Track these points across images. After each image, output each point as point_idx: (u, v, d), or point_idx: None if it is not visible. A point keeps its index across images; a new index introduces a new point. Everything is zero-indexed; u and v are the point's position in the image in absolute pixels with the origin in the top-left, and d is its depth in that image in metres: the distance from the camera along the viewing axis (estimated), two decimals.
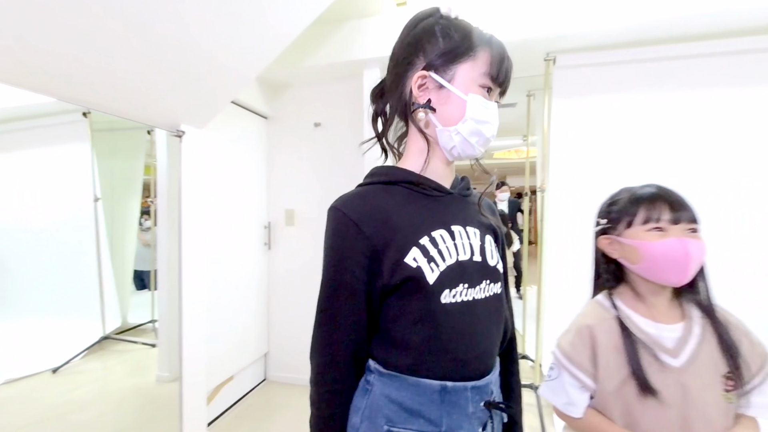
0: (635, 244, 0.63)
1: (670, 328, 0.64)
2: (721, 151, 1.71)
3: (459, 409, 0.55)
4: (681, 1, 1.57)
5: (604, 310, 0.69)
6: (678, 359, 0.62)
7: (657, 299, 0.67)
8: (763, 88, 1.65)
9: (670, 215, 0.61)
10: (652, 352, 0.63)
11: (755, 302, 1.64)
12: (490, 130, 0.57)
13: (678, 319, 0.66)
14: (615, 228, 0.67)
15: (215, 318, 1.95)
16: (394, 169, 0.61)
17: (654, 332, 0.64)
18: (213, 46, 1.26)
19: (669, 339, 0.64)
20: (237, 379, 2.15)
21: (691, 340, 0.63)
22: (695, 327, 0.64)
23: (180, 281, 1.52)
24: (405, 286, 0.54)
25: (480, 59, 0.56)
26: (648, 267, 0.63)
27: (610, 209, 0.69)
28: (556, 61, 1.89)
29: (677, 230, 0.61)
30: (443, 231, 0.56)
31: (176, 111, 1.46)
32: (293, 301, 2.37)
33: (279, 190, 2.40)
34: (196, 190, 1.60)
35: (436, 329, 0.54)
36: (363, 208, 0.55)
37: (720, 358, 0.62)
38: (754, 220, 1.67)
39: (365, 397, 0.56)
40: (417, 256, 0.53)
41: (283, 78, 2.26)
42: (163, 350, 1.87)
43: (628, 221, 0.65)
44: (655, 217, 0.62)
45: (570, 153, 1.89)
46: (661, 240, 0.61)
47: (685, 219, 0.62)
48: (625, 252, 0.66)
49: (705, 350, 0.63)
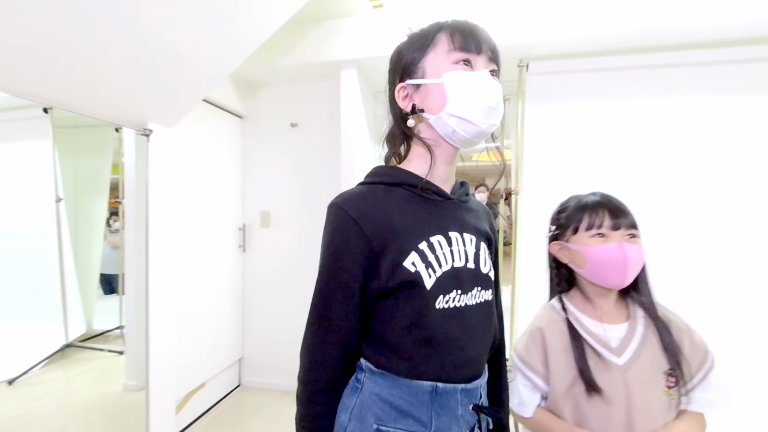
0: (580, 249, 0.67)
1: (615, 328, 0.68)
2: (684, 157, 1.80)
3: (449, 411, 0.55)
4: (649, 14, 1.65)
5: (555, 313, 0.73)
6: (621, 357, 0.65)
7: (604, 301, 0.70)
8: (727, 97, 1.75)
9: (610, 222, 0.65)
10: (597, 351, 0.66)
11: (712, 302, 1.74)
12: (486, 97, 0.54)
13: (623, 320, 0.69)
14: (563, 234, 0.71)
15: (186, 323, 1.89)
16: (397, 171, 0.60)
17: (600, 332, 0.68)
18: (182, 43, 1.22)
19: (614, 338, 0.67)
20: (209, 386, 2.09)
21: (634, 339, 0.66)
22: (638, 326, 0.68)
23: (147, 285, 1.47)
24: (402, 289, 0.54)
25: (440, 42, 0.56)
26: (592, 271, 0.67)
27: (559, 216, 0.73)
28: (528, 67, 1.94)
29: (617, 236, 0.65)
30: (441, 237, 0.56)
31: (143, 109, 1.41)
32: (269, 304, 2.33)
33: (254, 191, 2.35)
34: (164, 191, 1.55)
35: (429, 334, 0.54)
36: (364, 207, 0.55)
37: (662, 356, 0.65)
38: (715, 222, 1.76)
39: (355, 395, 0.56)
40: (416, 261, 0.54)
41: (258, 77, 2.22)
42: (131, 358, 1.80)
43: (575, 227, 0.68)
44: (597, 224, 0.66)
45: (542, 157, 1.94)
46: (602, 245, 0.65)
47: (625, 225, 0.65)
48: (573, 257, 0.70)
49: (647, 348, 0.66)
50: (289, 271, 2.27)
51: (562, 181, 1.90)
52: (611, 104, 1.88)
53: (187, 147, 1.91)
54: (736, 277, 1.73)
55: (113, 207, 2.12)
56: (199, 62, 1.35)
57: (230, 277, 2.26)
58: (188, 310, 1.90)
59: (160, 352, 1.52)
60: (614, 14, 1.68)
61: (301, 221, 2.25)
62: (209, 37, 1.28)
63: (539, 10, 1.75)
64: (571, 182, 1.88)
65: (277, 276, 2.31)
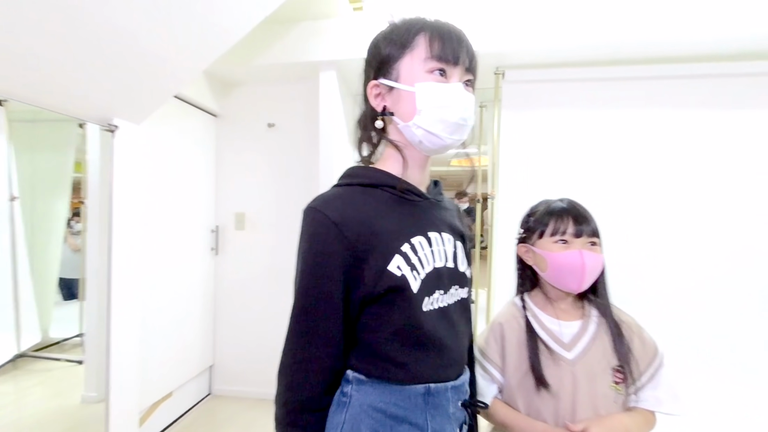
0: (544, 254, 0.71)
1: (569, 325, 0.72)
2: (649, 165, 1.90)
3: (442, 411, 0.55)
4: (620, 29, 1.73)
5: (516, 310, 0.77)
6: (571, 352, 0.70)
7: (563, 302, 0.75)
8: (691, 110, 1.86)
9: (573, 229, 0.69)
10: (550, 347, 0.70)
11: (668, 305, 1.83)
12: (454, 113, 0.54)
13: (578, 318, 0.73)
14: (530, 238, 0.74)
15: (153, 329, 1.80)
16: (375, 171, 0.58)
17: (556, 329, 0.72)
18: (151, 36, 1.17)
19: (567, 334, 0.71)
20: (177, 395, 2.00)
21: (585, 336, 0.71)
22: (591, 325, 0.72)
23: (109, 290, 1.39)
24: (388, 295, 0.52)
25: (418, 47, 0.54)
26: (553, 275, 0.71)
27: (528, 220, 0.76)
28: (504, 75, 1.98)
29: (579, 243, 0.69)
30: (422, 238, 0.55)
31: (108, 104, 1.34)
32: (242, 309, 2.26)
33: (229, 192, 2.28)
34: (130, 190, 1.48)
35: (420, 337, 0.53)
36: (344, 210, 0.52)
37: (611, 353, 0.69)
38: (675, 227, 1.86)
39: (343, 410, 0.53)
40: (401, 264, 0.52)
41: (234, 75, 2.17)
42: (91, 367, 1.70)
43: (541, 232, 0.72)
44: (561, 230, 0.70)
45: (518, 163, 1.99)
46: (564, 252, 0.69)
47: (587, 233, 0.69)
48: (537, 260, 0.73)
49: (597, 345, 0.70)
50: (265, 274, 2.22)
51: (536, 187, 1.95)
52: (584, 114, 1.95)
53: (157, 144, 1.83)
54: (692, 280, 1.83)
55: (75, 207, 2.01)
56: (170, 57, 1.30)
57: (201, 280, 2.18)
58: (155, 315, 1.82)
59: (122, 361, 1.44)
60: (588, 28, 1.76)
61: (278, 224, 2.21)
62: (181, 32, 1.24)
63: (516, 19, 1.81)
64: (544, 187, 1.94)
65: (252, 280, 2.24)
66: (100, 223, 1.64)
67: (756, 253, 1.80)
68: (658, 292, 1.83)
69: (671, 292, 1.83)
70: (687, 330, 1.81)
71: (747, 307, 1.80)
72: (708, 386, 1.73)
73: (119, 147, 1.42)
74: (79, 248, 1.91)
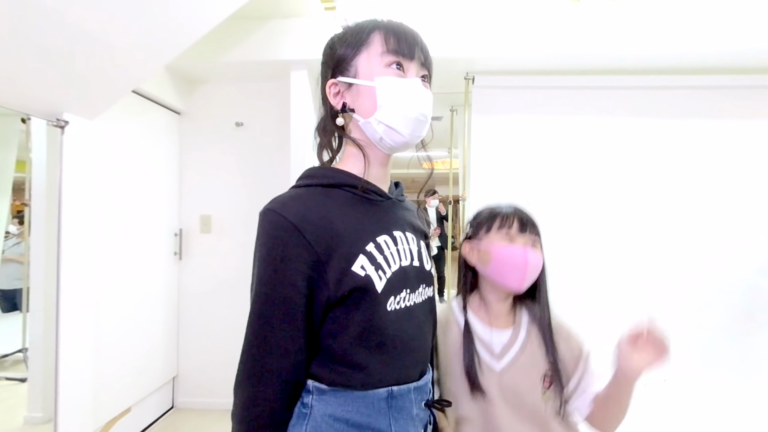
0: (489, 247, 0.71)
1: (500, 334, 0.72)
2: (608, 170, 2.02)
3: (405, 413, 0.54)
4: (587, 39, 1.83)
5: (452, 315, 0.76)
6: (500, 363, 0.70)
7: (499, 306, 0.74)
8: (653, 119, 2.01)
9: (518, 227, 0.71)
10: (481, 356, 0.71)
11: (621, 304, 1.95)
12: (414, 109, 0.54)
13: (509, 325, 0.74)
14: (477, 234, 0.75)
15: (110, 340, 1.67)
16: (335, 172, 0.57)
17: (487, 338, 0.72)
18: (107, 26, 1.09)
19: (497, 344, 0.72)
20: (137, 410, 1.87)
21: (515, 346, 0.71)
22: (521, 332, 0.73)
23: (57, 300, 1.28)
24: (353, 296, 0.50)
25: (373, 43, 0.55)
26: (495, 269, 0.70)
27: (476, 219, 0.78)
28: (474, 80, 2.04)
29: (522, 240, 0.71)
30: (387, 237, 0.55)
31: (57, 97, 1.23)
32: (208, 316, 2.15)
33: (193, 194, 2.17)
34: (81, 191, 1.37)
35: (382, 338, 0.52)
36: (304, 212, 0.50)
37: (542, 360, 0.70)
38: (641, 227, 1.98)
39: (304, 423, 0.51)
40: (365, 264, 0.51)
41: (199, 72, 2.07)
42: (36, 385, 1.56)
43: (487, 227, 0.73)
44: (507, 225, 0.72)
45: (488, 165, 2.05)
46: (508, 245, 0.70)
47: (531, 233, 0.72)
48: (481, 256, 0.73)
49: (527, 353, 0.71)
50: (232, 280, 2.13)
51: (506, 188, 2.02)
52: (550, 120, 2.05)
53: (113, 142, 1.71)
54: (651, 280, 1.96)
55: (17, 210, 1.85)
56: (127, 50, 1.22)
57: (163, 287, 2.06)
58: (111, 325, 1.69)
59: (73, 377, 1.32)
60: (556, 38, 1.85)
61: (246, 227, 2.13)
62: (140, 24, 1.16)
63: (486, 26, 1.87)
64: (514, 189, 2.02)
65: (218, 285, 2.15)
66: (45, 227, 1.50)
67: (715, 252, 1.96)
68: (618, 291, 1.95)
69: (630, 292, 1.95)
70: None
71: (710, 304, 1.94)
72: (675, 380, 1.84)
73: (69, 144, 1.31)
74: (19, 258, 1.76)
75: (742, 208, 1.96)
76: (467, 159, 2.10)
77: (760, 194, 1.96)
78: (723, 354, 1.91)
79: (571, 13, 1.83)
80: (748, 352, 1.89)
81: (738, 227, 1.96)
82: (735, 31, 1.77)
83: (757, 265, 1.94)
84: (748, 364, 1.88)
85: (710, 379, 1.88)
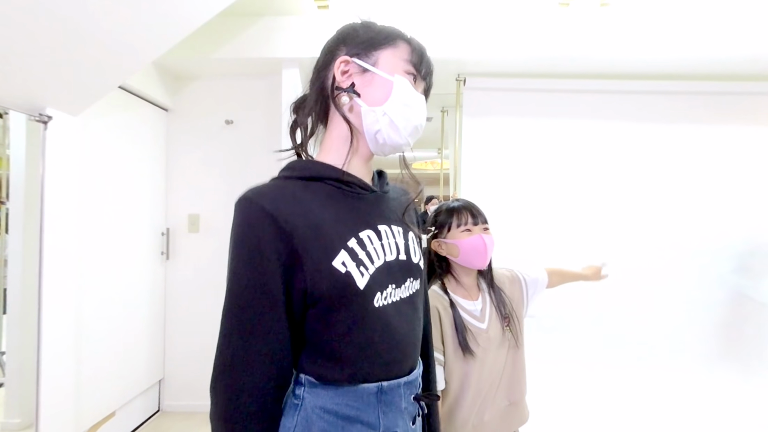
0: (455, 242, 0.90)
1: (475, 303, 0.93)
2: (596, 170, 2.08)
3: (394, 407, 0.54)
4: (577, 43, 1.88)
5: (441, 297, 0.92)
6: (484, 323, 0.91)
7: (469, 280, 0.94)
8: (636, 123, 2.07)
9: (472, 220, 0.90)
10: (470, 323, 0.90)
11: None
12: (417, 116, 0.56)
13: (478, 294, 0.94)
14: (441, 233, 0.92)
15: (94, 343, 1.62)
16: (315, 164, 0.56)
17: (470, 307, 0.92)
18: (94, 19, 1.06)
19: (477, 310, 0.92)
20: (121, 414, 1.82)
21: (486, 307, 0.93)
22: (486, 296, 0.94)
23: (39, 302, 1.24)
24: (333, 293, 0.49)
25: (401, 48, 0.57)
26: (464, 258, 0.90)
27: (436, 220, 0.94)
28: (465, 82, 2.06)
29: (478, 229, 0.90)
30: (370, 231, 0.53)
31: (40, 91, 1.19)
32: (195, 317, 2.11)
33: (181, 192, 2.13)
34: (64, 189, 1.33)
35: (370, 335, 0.51)
36: (281, 202, 0.49)
37: (499, 307, 0.92)
38: (621, 225, 2.05)
39: (296, 413, 0.50)
40: (346, 260, 0.50)
41: (188, 68, 2.03)
42: (13, 390, 1.50)
43: (448, 226, 0.91)
44: (464, 222, 0.90)
45: (478, 166, 2.07)
46: (469, 237, 0.89)
47: (481, 221, 0.91)
48: (449, 249, 0.91)
49: (493, 308, 0.93)
50: (221, 280, 2.06)
51: (496, 189, 2.05)
52: (540, 122, 2.10)
53: (98, 139, 1.66)
54: (628, 274, 2.03)
55: None
56: (113, 44, 1.18)
57: (150, 287, 2.00)
58: (95, 327, 1.64)
59: (54, 381, 1.28)
60: (547, 41, 1.89)
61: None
62: (129, 17, 1.13)
63: (479, 29, 1.89)
64: (504, 189, 2.05)
65: (206, 286, 2.11)
66: (24, 226, 1.45)
67: (673, 253, 2.05)
68: (600, 289, 2.00)
69: (612, 290, 2.00)
70: (624, 318, 2.01)
71: (693, 300, 2.02)
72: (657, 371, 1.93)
73: (53, 141, 1.26)
74: None
75: (721, 211, 2.05)
76: (458, 160, 2.12)
77: (738, 197, 2.05)
78: (705, 346, 1.99)
79: (561, 18, 1.87)
80: (728, 346, 1.98)
81: (716, 228, 2.05)
82: (720, 39, 1.84)
83: (732, 265, 2.04)
84: (730, 358, 1.97)
85: (689, 371, 1.96)
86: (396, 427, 0.54)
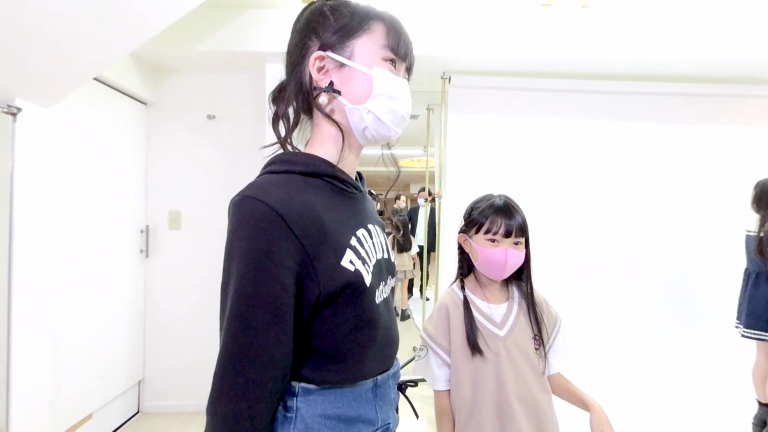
0: (476, 247, 0.85)
1: (498, 307, 0.88)
2: (577, 168, 2.14)
3: (386, 399, 0.55)
4: (559, 44, 1.91)
5: (456, 294, 0.90)
6: (503, 330, 0.85)
7: (492, 285, 0.89)
8: (612, 122, 2.14)
9: (504, 230, 0.82)
10: (485, 325, 0.85)
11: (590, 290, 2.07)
12: (403, 107, 0.54)
13: (504, 300, 0.89)
14: (469, 230, 0.87)
15: (69, 344, 1.56)
16: (315, 159, 0.53)
17: (488, 311, 0.87)
18: (72, 7, 1.01)
19: (497, 315, 0.87)
20: (99, 417, 1.77)
21: (512, 315, 0.87)
22: (515, 305, 0.89)
23: (9, 302, 1.19)
24: (345, 292, 0.48)
25: (376, 32, 0.53)
26: (482, 266, 0.86)
27: (471, 213, 0.88)
28: (451, 80, 2.07)
29: (506, 242, 0.83)
30: (364, 230, 0.54)
31: (9, 81, 1.14)
32: (176, 317, 2.06)
33: (162, 188, 2.07)
34: (36, 184, 1.27)
35: (374, 331, 0.52)
36: (289, 202, 0.45)
37: (529, 325, 0.86)
38: (596, 222, 2.11)
39: (291, 427, 0.47)
40: (353, 259, 0.49)
41: (168, 61, 1.97)
42: None
43: (477, 227, 0.85)
44: (493, 230, 0.83)
45: (464, 164, 2.09)
46: (492, 249, 0.83)
47: (516, 234, 0.83)
48: (472, 251, 0.88)
49: (520, 321, 0.87)
50: (203, 278, 2.05)
51: (481, 186, 2.06)
52: (524, 120, 2.13)
53: (72, 132, 1.60)
54: (602, 268, 2.10)
55: None
56: (91, 32, 1.14)
57: (128, 286, 1.95)
58: (71, 328, 1.58)
59: (27, 384, 1.23)
60: (530, 41, 1.91)
61: (218, 223, 2.05)
62: (106, 4, 1.09)
63: (464, 27, 1.90)
64: (489, 187, 2.07)
65: (188, 285, 2.06)
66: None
67: (648, 249, 2.12)
68: (574, 277, 2.07)
69: (584, 277, 2.08)
70: (595, 309, 2.09)
71: (642, 294, 2.11)
72: (608, 358, 2.02)
73: (23, 133, 1.21)
74: None
75: (685, 206, 2.14)
76: (443, 157, 2.14)
77: (719, 196, 2.14)
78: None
79: (543, 19, 1.90)
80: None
81: (679, 222, 2.14)
82: (700, 42, 1.90)
83: (691, 253, 2.14)
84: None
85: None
86: (388, 419, 0.55)
